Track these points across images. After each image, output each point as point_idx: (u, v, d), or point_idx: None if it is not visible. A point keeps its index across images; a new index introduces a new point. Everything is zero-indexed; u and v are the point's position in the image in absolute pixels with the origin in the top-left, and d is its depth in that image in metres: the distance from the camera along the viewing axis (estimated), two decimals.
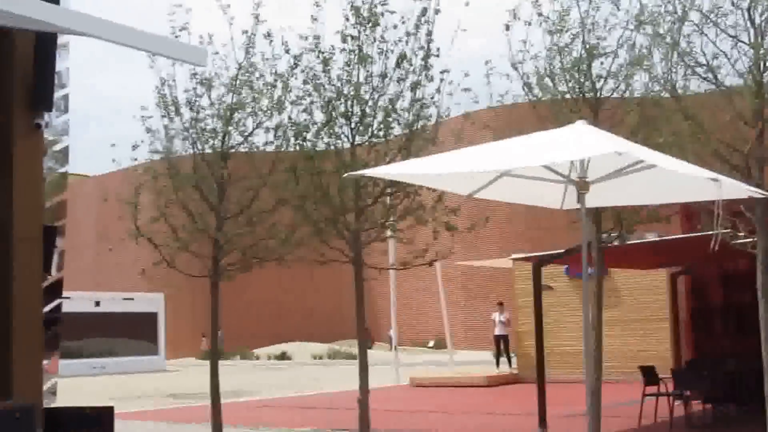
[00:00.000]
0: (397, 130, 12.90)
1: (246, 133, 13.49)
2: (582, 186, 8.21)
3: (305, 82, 12.76)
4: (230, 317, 14.67)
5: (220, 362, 13.86)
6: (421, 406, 17.83)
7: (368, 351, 13.17)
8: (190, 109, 13.41)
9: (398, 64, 12.56)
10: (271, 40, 13.07)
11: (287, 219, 13.27)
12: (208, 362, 13.68)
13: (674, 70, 11.90)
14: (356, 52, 12.46)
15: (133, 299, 40.03)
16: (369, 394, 12.38)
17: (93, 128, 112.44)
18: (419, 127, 12.68)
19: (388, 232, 13.16)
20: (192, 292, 40.02)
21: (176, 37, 12.86)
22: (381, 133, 12.64)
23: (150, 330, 39.80)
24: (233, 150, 13.51)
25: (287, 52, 12.86)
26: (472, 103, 12.87)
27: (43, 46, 10.57)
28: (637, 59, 12.73)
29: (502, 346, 26.06)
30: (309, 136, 12.74)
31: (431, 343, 53.24)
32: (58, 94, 11.17)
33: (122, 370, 36.23)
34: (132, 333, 39.13)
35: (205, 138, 13.37)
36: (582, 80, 13.00)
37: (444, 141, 12.69)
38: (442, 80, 12.62)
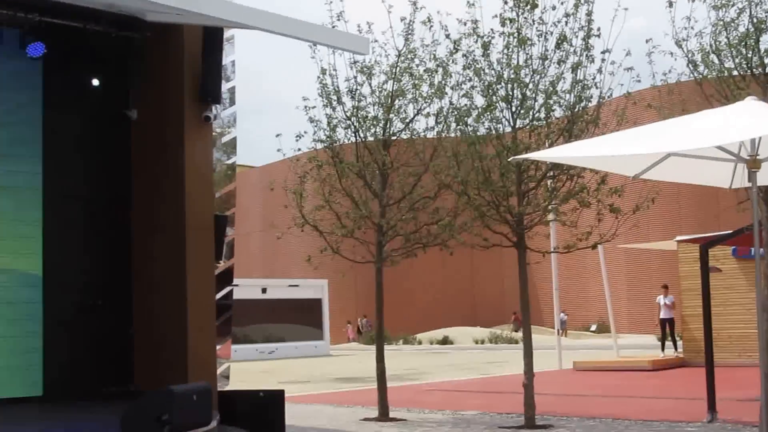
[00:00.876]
0: (558, 113, 12.76)
1: (407, 120, 13.62)
2: (753, 164, 7.92)
3: (465, 67, 12.75)
4: (393, 302, 14.89)
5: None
6: (586, 390, 17.59)
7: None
8: (352, 97, 13.63)
9: (558, 46, 12.40)
10: (430, 26, 13.13)
11: (449, 204, 13.32)
12: (371, 347, 13.86)
13: None
14: (515, 35, 12.37)
15: (298, 286, 40.91)
16: (534, 378, 12.31)
17: (256, 120, 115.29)
18: (581, 108, 12.49)
19: (551, 216, 13.03)
20: (354, 278, 40.65)
21: (333, 26, 13.07)
22: (542, 116, 12.52)
23: (315, 316, 40.60)
24: (395, 137, 13.66)
25: (447, 37, 12.89)
26: (634, 83, 12.59)
27: (211, 40, 10.92)
28: None
29: (667, 329, 25.46)
30: (470, 120, 12.73)
31: (594, 327, 52.44)
32: (225, 87, 11.53)
33: (288, 355, 37.11)
34: (297, 319, 40.01)
35: (366, 126, 13.56)
36: (750, 56, 12.56)
37: (606, 122, 12.48)
38: (603, 60, 12.40)
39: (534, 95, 12.48)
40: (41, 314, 11.17)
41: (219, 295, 11.49)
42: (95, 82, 11.44)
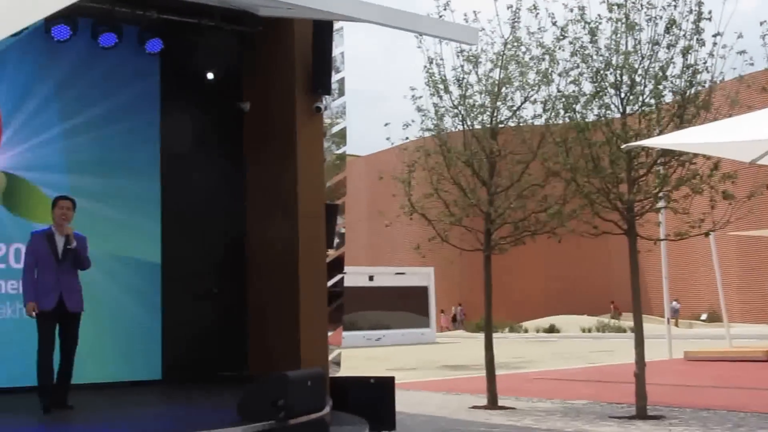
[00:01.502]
0: (668, 98, 12.56)
1: (514, 108, 13.58)
2: None
3: (572, 54, 12.64)
4: (499, 290, 14.86)
5: None
6: (698, 381, 17.32)
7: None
8: (459, 86, 13.65)
9: (668, 30, 12.21)
10: (536, 14, 13.06)
11: (558, 191, 13.24)
12: (477, 335, 13.90)
13: None
14: (623, 20, 12.22)
15: (404, 273, 41.11)
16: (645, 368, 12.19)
17: (363, 110, 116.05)
18: (691, 93, 12.27)
19: (662, 203, 12.85)
20: (460, 267, 40.65)
21: (440, 16, 13.12)
22: (652, 102, 12.34)
23: (421, 303, 40.75)
24: (502, 125, 13.64)
25: (554, 24, 12.80)
26: (747, 66, 12.29)
27: (321, 33, 11.10)
28: None
29: None
30: (578, 107, 12.62)
31: (704, 317, 51.45)
32: (334, 78, 11.70)
33: (394, 342, 37.34)
34: (404, 306, 40.20)
35: (474, 114, 13.58)
36: None
37: (718, 106, 12.23)
38: (714, 44, 12.15)
39: (643, 81, 12.32)
40: (160, 301, 11.54)
41: (330, 283, 11.68)
42: (210, 76, 11.74)
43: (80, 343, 8.79)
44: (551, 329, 48.88)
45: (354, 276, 34.07)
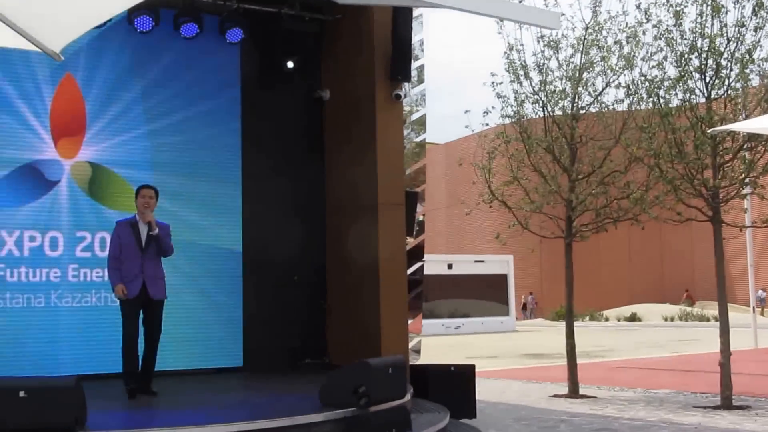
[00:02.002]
0: (755, 82, 12.26)
1: (596, 93, 13.39)
2: None
3: (656, 38, 12.42)
4: (579, 278, 14.67)
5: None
6: None
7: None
8: (539, 72, 13.50)
9: (755, 12, 11.90)
10: None
11: (640, 178, 13.03)
12: (557, 323, 13.76)
13: None
14: (709, 2, 11.95)
15: (483, 261, 40.94)
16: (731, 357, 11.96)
17: (441, 97, 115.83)
18: None
19: (747, 189, 12.57)
20: (539, 254, 40.44)
21: (520, 1, 12.97)
22: (738, 86, 12.06)
23: (500, 291, 40.56)
24: (583, 110, 13.45)
25: (637, 7, 12.58)
26: None
27: (400, 20, 11.07)
28: None
29: None
30: (661, 92, 12.39)
31: None
32: (413, 65, 11.67)
33: (474, 331, 37.23)
34: (483, 294, 40.05)
35: (554, 100, 13.42)
36: None
37: None
38: None
39: (729, 64, 12.03)
40: (241, 290, 11.65)
41: (410, 271, 11.67)
42: (290, 64, 11.81)
43: (163, 330, 8.91)
44: (633, 318, 48.22)
45: (433, 264, 34.03)
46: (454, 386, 10.26)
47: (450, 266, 38.91)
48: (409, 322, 11.59)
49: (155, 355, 8.84)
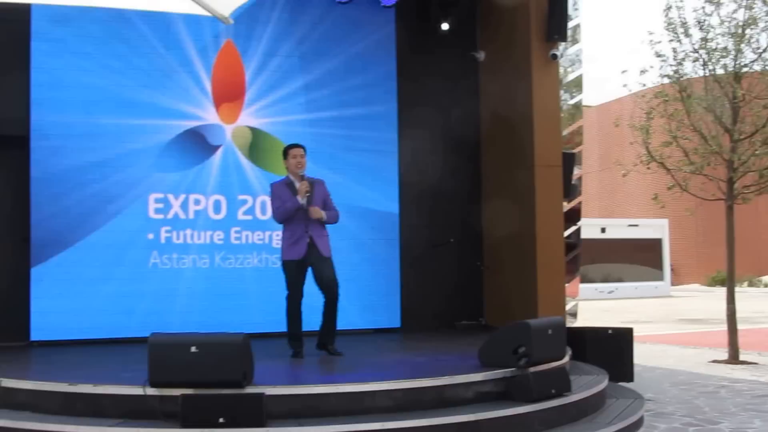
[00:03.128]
0: None
1: (759, 50, 12.91)
2: None
3: None
4: (739, 242, 14.14)
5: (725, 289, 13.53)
6: None
7: None
8: (700, 29, 13.09)
9: None
10: None
11: None
12: (713, 289, 13.39)
13: None
14: None
15: (637, 225, 40.13)
16: None
17: (593, 59, 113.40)
18: None
19: None
20: (695, 218, 39.29)
21: None
22: None
23: (654, 256, 39.70)
24: (746, 68, 12.99)
25: None
26: None
27: None
28: None
29: None
30: None
31: None
32: (569, 25, 11.49)
33: (627, 296, 36.61)
34: (637, 259, 39.29)
35: (715, 58, 12.99)
36: None
37: None
38: None
39: None
40: (398, 251, 11.77)
41: (566, 234, 11.57)
42: (444, 26, 11.80)
43: None
44: None
45: (586, 228, 33.57)
46: (612, 349, 10.13)
47: (603, 230, 38.28)
48: (566, 285, 11.51)
49: (336, 313, 8.75)
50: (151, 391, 6.50)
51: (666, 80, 13.44)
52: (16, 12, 10.30)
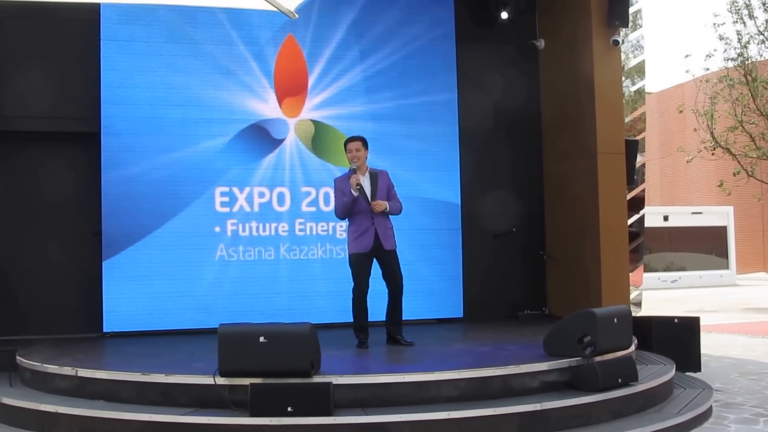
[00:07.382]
0: None
1: None
2: None
3: None
4: None
5: None
6: None
7: None
8: (765, 10, 12.92)
9: None
10: None
11: None
12: None
13: None
14: None
15: (701, 213, 39.58)
16: None
17: (654, 43, 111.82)
18: None
19: None
20: (761, 204, 38.67)
21: None
22: None
23: (719, 244, 39.15)
24: None
25: None
26: None
27: None
28: None
29: None
30: None
31: None
32: (630, 10, 11.38)
33: (691, 285, 36.15)
34: (700, 247, 38.77)
35: None
36: None
37: None
38: None
39: None
40: (460, 241, 11.79)
41: (630, 221, 11.48)
42: (504, 15, 11.78)
43: None
44: None
45: (648, 216, 33.20)
46: (678, 339, 10.02)
47: (666, 218, 37.82)
48: (629, 274, 11.41)
49: (401, 305, 8.79)
50: (220, 380, 6.61)
51: (730, 64, 13.29)
52: (86, 12, 10.56)
